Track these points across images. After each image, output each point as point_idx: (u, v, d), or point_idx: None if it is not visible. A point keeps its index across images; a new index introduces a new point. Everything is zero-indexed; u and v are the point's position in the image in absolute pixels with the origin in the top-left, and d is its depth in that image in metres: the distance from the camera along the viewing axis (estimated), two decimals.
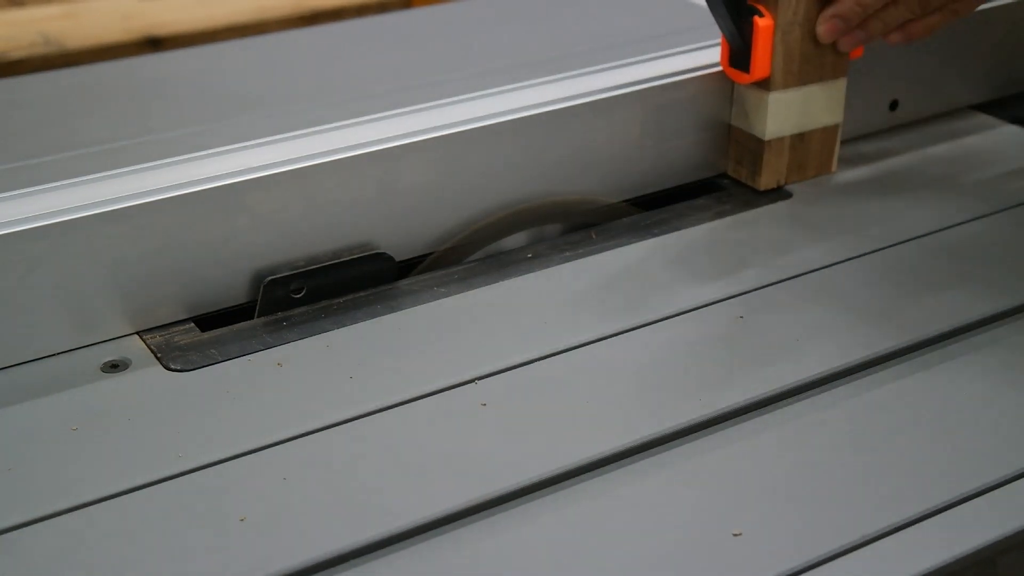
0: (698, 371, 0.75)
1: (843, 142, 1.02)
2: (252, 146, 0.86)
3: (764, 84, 0.93)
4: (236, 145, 0.86)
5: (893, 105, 1.07)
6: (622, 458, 0.69)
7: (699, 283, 0.84)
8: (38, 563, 0.62)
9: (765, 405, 0.73)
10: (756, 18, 0.91)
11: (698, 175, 0.99)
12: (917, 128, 1.08)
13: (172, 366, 0.77)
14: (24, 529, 0.64)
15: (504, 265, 0.88)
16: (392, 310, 0.83)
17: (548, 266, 0.87)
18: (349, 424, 0.72)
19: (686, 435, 0.70)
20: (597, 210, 0.95)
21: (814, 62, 0.94)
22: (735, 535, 0.63)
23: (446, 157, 0.88)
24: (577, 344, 0.78)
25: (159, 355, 0.79)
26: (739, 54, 0.93)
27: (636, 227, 0.92)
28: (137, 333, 0.81)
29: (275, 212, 0.83)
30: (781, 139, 0.95)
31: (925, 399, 0.73)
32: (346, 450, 0.70)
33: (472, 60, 1.25)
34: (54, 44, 1.40)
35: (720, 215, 0.94)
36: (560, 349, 0.78)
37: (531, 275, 0.86)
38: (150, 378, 0.77)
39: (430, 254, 0.90)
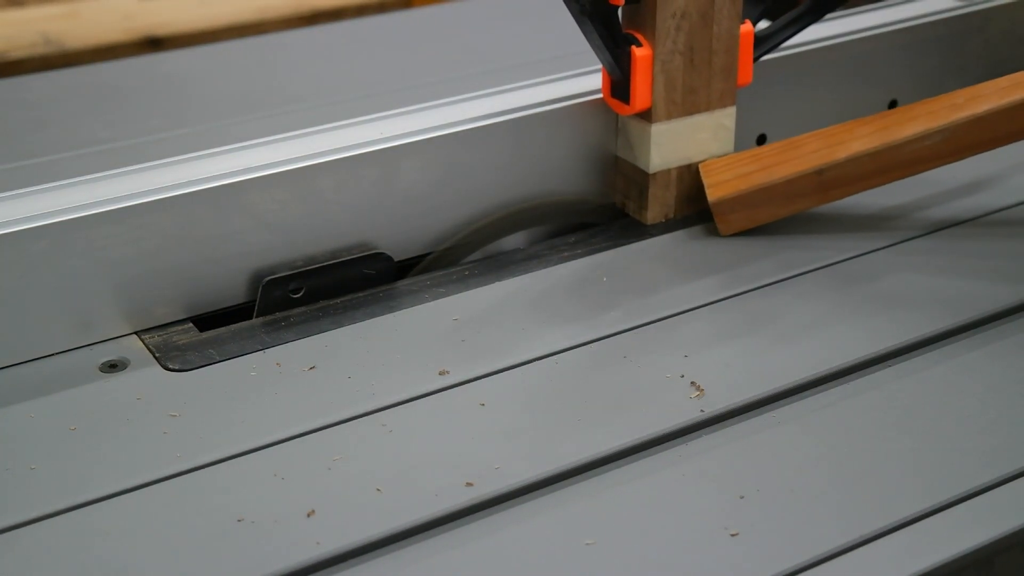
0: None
1: None
2: (251, 146, 0.86)
3: (646, 115, 0.90)
4: (235, 145, 0.86)
5: (892, 105, 1.07)
6: (620, 458, 0.69)
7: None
8: (37, 563, 0.62)
9: (763, 405, 0.73)
10: (633, 48, 0.87)
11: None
12: None
13: (171, 366, 0.78)
14: (23, 529, 0.64)
15: (502, 266, 0.88)
16: (391, 310, 0.83)
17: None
18: (348, 424, 0.72)
19: (684, 435, 0.71)
20: (594, 210, 0.95)
21: (699, 92, 0.90)
22: (732, 535, 0.63)
23: (445, 157, 0.88)
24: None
25: (158, 355, 0.79)
26: (619, 84, 0.89)
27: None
28: (136, 333, 0.81)
29: (274, 212, 0.83)
30: (667, 171, 0.91)
31: (923, 399, 0.73)
32: (345, 450, 0.70)
33: (469, 61, 1.25)
34: (54, 44, 1.40)
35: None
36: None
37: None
38: (149, 378, 0.77)
39: (429, 254, 0.90)
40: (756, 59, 0.93)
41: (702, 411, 0.71)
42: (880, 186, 0.89)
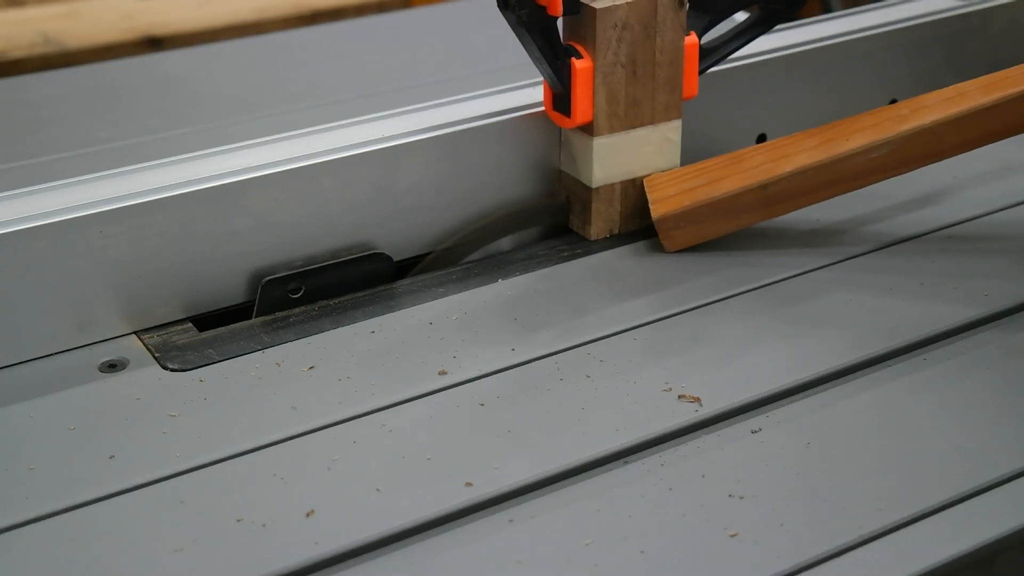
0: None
1: None
2: (251, 146, 0.86)
3: (588, 129, 0.87)
4: (235, 145, 0.86)
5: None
6: (618, 458, 0.69)
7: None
8: (36, 563, 0.62)
9: (762, 405, 0.73)
10: (574, 60, 0.85)
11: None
12: None
13: (170, 366, 0.78)
14: (22, 529, 0.64)
15: (502, 265, 0.88)
16: (391, 310, 0.83)
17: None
18: (347, 424, 0.72)
19: (682, 435, 0.71)
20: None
21: (643, 105, 0.88)
22: (731, 535, 0.63)
23: (445, 157, 0.88)
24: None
25: (157, 355, 0.79)
26: (561, 97, 0.87)
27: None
28: (135, 333, 0.81)
29: (273, 212, 0.83)
30: (611, 186, 0.89)
31: (922, 400, 0.73)
32: (344, 450, 0.70)
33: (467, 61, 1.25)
34: (54, 44, 1.40)
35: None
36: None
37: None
38: (148, 378, 0.77)
39: (428, 254, 0.90)
40: (702, 71, 0.91)
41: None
42: (827, 199, 0.87)
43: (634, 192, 0.90)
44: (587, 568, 0.61)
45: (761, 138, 1.01)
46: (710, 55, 0.91)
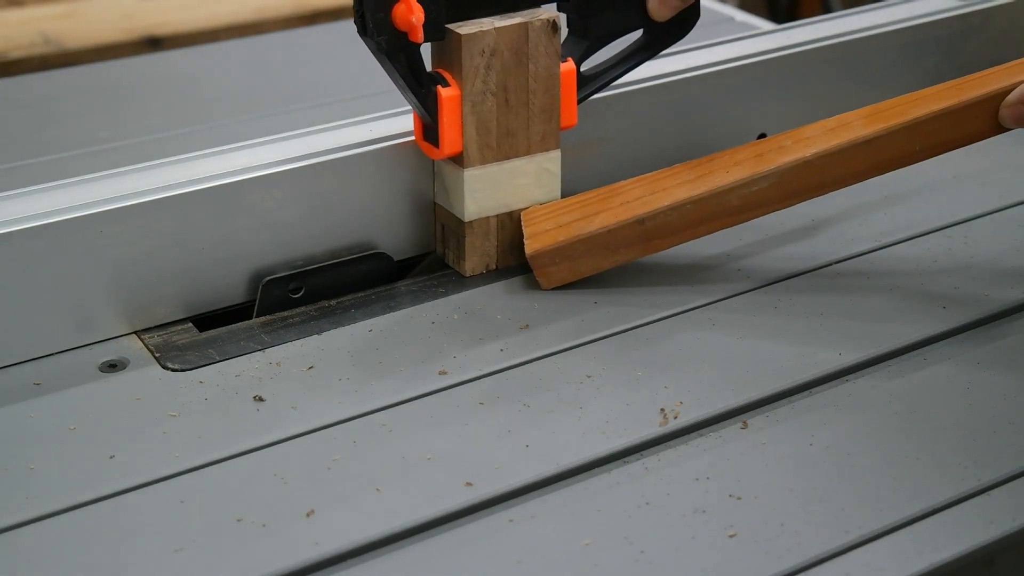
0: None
1: None
2: (251, 146, 0.86)
3: (459, 160, 0.83)
4: (235, 145, 0.86)
5: None
6: (617, 459, 0.69)
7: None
8: (36, 563, 0.62)
9: (760, 406, 0.73)
10: (440, 88, 0.81)
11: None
12: None
13: (170, 366, 0.78)
14: (22, 529, 0.64)
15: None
16: (391, 310, 0.83)
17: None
18: (347, 424, 0.72)
19: (681, 435, 0.71)
20: None
21: (518, 135, 0.84)
22: (730, 536, 0.63)
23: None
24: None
25: (157, 355, 0.79)
26: (430, 127, 0.83)
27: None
28: (135, 333, 0.81)
29: (273, 212, 0.83)
30: (485, 220, 0.85)
31: (922, 399, 0.73)
32: (344, 450, 0.70)
33: None
34: (54, 44, 1.40)
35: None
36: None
37: None
38: (148, 378, 0.77)
39: (429, 254, 0.90)
40: (582, 99, 0.87)
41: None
42: (708, 234, 0.83)
43: (512, 226, 0.86)
44: (587, 568, 0.61)
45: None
46: (591, 82, 0.87)
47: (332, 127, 0.88)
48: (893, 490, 0.66)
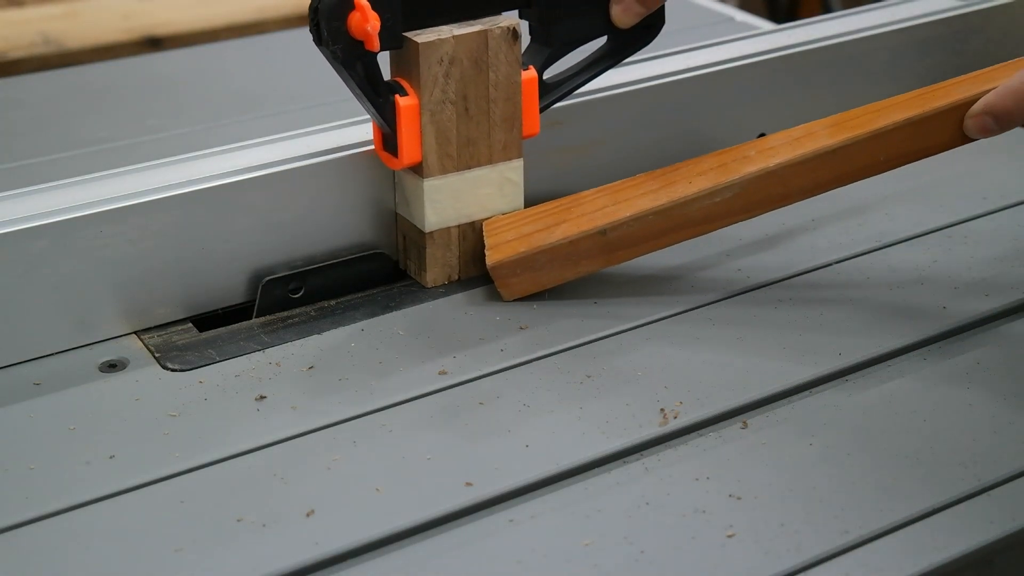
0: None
1: None
2: (251, 146, 0.86)
3: (418, 170, 0.82)
4: (235, 145, 0.86)
5: None
6: (616, 459, 0.69)
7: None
8: (36, 563, 0.62)
9: (760, 406, 0.73)
10: (397, 96, 0.80)
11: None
12: None
13: (170, 366, 0.78)
14: (21, 529, 0.64)
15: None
16: (390, 310, 0.83)
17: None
18: (347, 424, 0.72)
19: (681, 435, 0.71)
20: None
21: (479, 144, 0.83)
22: (729, 536, 0.63)
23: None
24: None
25: (157, 355, 0.79)
26: (389, 137, 0.82)
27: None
28: (135, 333, 0.81)
29: (273, 212, 0.83)
30: (446, 230, 0.84)
31: (921, 399, 0.73)
32: (344, 450, 0.70)
33: None
34: (54, 44, 1.40)
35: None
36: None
37: None
38: (148, 378, 0.77)
39: None
40: (544, 108, 0.85)
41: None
42: (671, 245, 0.82)
43: (474, 236, 0.85)
44: (587, 568, 0.61)
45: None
46: (554, 90, 0.86)
47: (332, 127, 0.88)
48: (893, 490, 0.66)
